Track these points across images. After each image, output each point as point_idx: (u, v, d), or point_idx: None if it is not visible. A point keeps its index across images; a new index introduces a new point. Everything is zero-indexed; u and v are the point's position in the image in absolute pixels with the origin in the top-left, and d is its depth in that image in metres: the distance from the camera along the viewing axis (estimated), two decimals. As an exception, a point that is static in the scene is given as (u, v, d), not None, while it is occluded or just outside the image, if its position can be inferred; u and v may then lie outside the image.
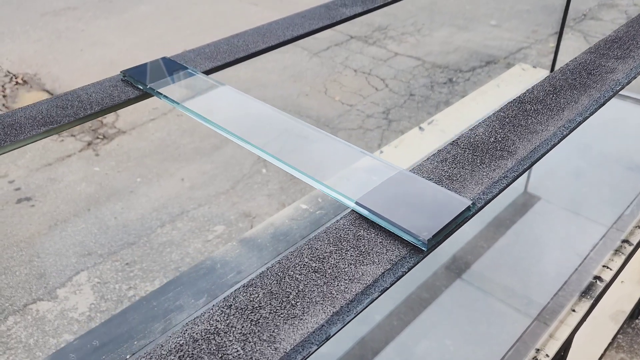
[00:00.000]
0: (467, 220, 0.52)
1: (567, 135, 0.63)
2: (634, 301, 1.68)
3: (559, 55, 1.86)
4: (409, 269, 0.47)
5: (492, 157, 0.59)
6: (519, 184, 1.50)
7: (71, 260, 2.21)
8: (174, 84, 0.74)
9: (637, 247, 1.22)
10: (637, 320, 1.94)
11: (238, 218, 2.44)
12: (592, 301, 1.09)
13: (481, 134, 0.63)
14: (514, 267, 1.23)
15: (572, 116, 0.65)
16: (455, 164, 0.58)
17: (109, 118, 3.12)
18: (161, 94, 0.72)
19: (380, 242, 0.49)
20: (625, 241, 1.21)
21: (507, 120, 0.66)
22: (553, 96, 0.70)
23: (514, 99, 0.69)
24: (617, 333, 1.61)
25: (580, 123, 0.65)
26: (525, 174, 1.52)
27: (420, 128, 1.60)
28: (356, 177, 0.56)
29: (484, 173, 0.57)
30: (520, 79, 1.80)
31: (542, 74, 1.80)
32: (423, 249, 0.48)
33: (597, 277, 1.13)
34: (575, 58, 0.79)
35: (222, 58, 0.84)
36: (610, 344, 1.57)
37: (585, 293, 1.10)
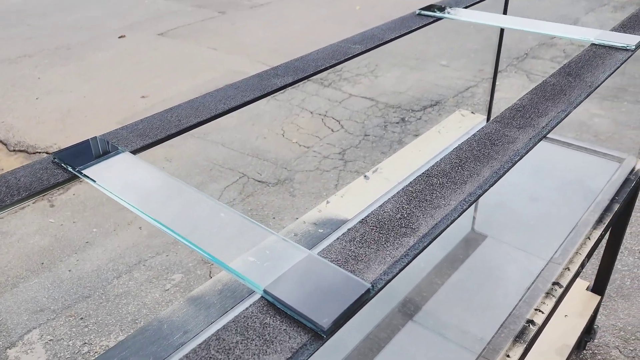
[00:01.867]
0: (368, 302, 0.56)
1: (467, 208, 0.68)
2: (577, 334, 1.75)
3: (497, 92, 1.96)
4: (309, 356, 0.50)
5: (397, 234, 0.64)
6: (467, 222, 1.56)
7: (22, 317, 2.15)
8: (101, 165, 0.77)
9: (567, 289, 1.28)
10: (584, 351, 2.01)
11: (196, 265, 2.43)
12: (525, 345, 1.14)
13: (389, 210, 0.68)
14: (455, 307, 1.27)
15: (473, 189, 0.71)
16: (362, 243, 0.63)
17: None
18: (87, 176, 0.75)
19: (284, 329, 0.53)
20: (556, 283, 1.28)
21: (414, 195, 0.71)
22: (459, 168, 0.76)
23: (423, 173, 0.75)
24: (564, 367, 1.66)
25: (480, 195, 0.70)
26: (471, 212, 1.59)
27: (365, 177, 1.66)
28: (265, 261, 0.60)
29: (387, 252, 0.61)
30: (460, 125, 1.89)
31: (480, 119, 1.90)
32: (323, 335, 0.52)
33: (530, 321, 1.19)
34: (483, 128, 0.85)
35: (154, 135, 0.87)
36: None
37: (518, 338, 1.15)
